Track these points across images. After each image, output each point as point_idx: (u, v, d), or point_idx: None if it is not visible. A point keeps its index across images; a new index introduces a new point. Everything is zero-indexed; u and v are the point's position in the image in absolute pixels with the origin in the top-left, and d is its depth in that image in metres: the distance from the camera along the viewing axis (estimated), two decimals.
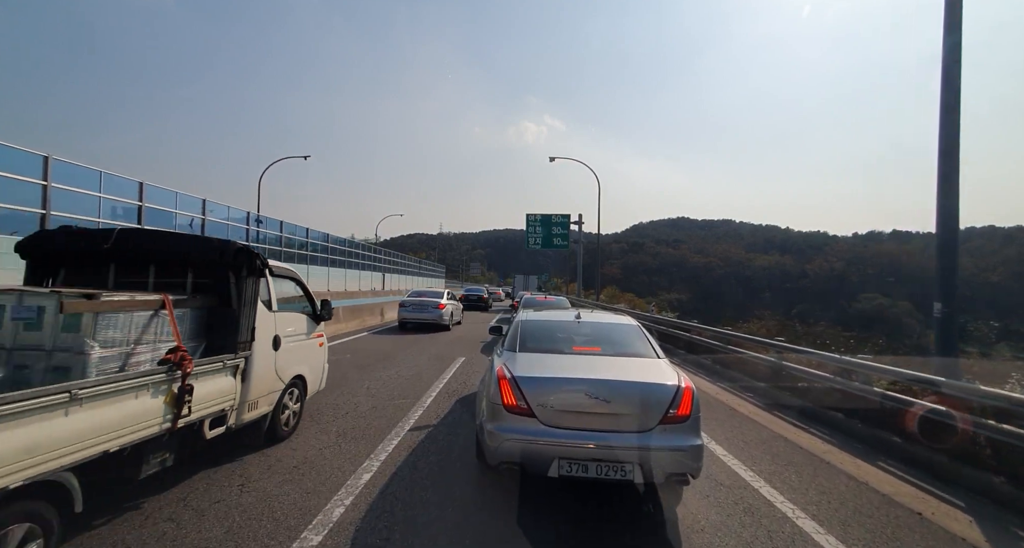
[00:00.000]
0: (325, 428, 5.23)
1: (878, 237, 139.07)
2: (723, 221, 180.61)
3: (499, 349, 4.69)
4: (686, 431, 3.40)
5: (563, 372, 3.78)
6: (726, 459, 4.71)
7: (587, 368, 3.86)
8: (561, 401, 3.48)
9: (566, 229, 35.37)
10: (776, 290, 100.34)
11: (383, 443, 4.80)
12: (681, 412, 3.41)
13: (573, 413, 3.44)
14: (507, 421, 3.50)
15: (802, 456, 4.95)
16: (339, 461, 4.29)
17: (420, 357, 9.55)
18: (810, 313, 62.74)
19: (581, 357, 4.23)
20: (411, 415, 5.84)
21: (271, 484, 3.78)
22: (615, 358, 4.22)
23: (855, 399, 5.86)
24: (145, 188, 17.90)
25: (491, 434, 3.52)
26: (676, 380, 3.60)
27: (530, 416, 3.47)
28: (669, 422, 3.39)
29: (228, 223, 23.83)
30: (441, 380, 7.71)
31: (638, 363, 4.07)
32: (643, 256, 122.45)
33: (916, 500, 4.03)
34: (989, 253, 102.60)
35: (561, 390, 3.55)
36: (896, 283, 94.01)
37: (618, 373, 3.73)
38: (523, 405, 3.49)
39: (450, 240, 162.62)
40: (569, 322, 4.95)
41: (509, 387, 3.58)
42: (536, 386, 3.56)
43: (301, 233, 31.04)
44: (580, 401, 3.45)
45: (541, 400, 3.48)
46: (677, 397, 3.45)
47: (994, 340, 46.64)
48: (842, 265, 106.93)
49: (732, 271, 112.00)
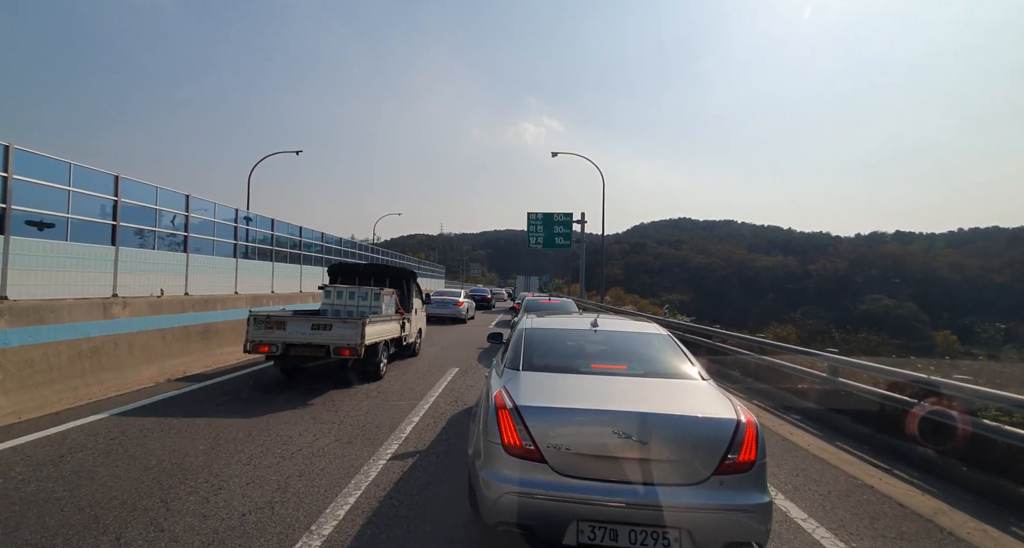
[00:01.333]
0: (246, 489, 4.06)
1: (881, 238, 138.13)
2: (725, 221, 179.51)
3: (498, 364, 3.85)
4: (750, 483, 2.55)
5: (582, 400, 2.93)
6: (805, 524, 3.52)
7: (613, 395, 3.04)
8: (581, 441, 2.66)
9: (568, 228, 34.25)
10: (779, 291, 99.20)
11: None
12: (743, 457, 2.57)
13: (597, 458, 2.61)
14: (508, 467, 2.66)
15: (911, 521, 3.67)
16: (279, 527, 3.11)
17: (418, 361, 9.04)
18: (814, 315, 61.65)
19: (603, 379, 3.31)
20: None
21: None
22: (647, 380, 3.32)
23: (957, 435, 4.65)
24: (121, 182, 16.70)
25: (487, 484, 2.67)
26: (734, 412, 2.74)
27: (539, 461, 2.62)
28: (727, 471, 2.54)
29: (215, 221, 22.64)
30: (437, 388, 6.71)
31: (679, 388, 3.21)
32: (644, 256, 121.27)
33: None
34: (994, 254, 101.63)
35: (581, 426, 2.71)
36: (901, 284, 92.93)
37: (656, 402, 2.86)
38: (529, 446, 2.65)
39: (450, 240, 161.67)
40: (583, 331, 4.07)
41: (510, 420, 2.73)
42: (547, 420, 2.72)
43: (294, 232, 29.88)
44: (607, 441, 2.60)
45: (554, 439, 2.65)
46: (737, 437, 2.59)
47: (1001, 342, 45.53)
48: (846, 266, 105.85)
49: (735, 272, 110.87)
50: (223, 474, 3.92)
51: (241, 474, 3.94)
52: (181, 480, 3.77)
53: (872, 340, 9.78)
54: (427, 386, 7.60)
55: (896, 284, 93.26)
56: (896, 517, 3.73)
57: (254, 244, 26.04)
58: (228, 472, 3.97)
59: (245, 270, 24.39)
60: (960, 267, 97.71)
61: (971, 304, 79.01)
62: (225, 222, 23.57)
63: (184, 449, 4.45)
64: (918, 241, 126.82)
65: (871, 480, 4.43)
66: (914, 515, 3.78)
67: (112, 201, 16.10)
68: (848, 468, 4.72)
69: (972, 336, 46.34)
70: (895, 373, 5.53)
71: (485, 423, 2.89)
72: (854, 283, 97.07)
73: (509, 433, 2.70)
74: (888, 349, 9.77)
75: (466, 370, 9.19)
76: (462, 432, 5.23)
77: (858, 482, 4.38)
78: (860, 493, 4.14)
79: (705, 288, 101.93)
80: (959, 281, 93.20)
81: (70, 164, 14.88)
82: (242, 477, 3.88)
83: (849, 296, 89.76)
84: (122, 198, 16.71)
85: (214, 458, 4.24)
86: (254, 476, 3.91)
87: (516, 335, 3.93)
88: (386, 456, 4.48)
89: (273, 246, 27.39)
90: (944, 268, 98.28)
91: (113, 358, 6.69)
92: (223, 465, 4.11)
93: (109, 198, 16.10)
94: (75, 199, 14.94)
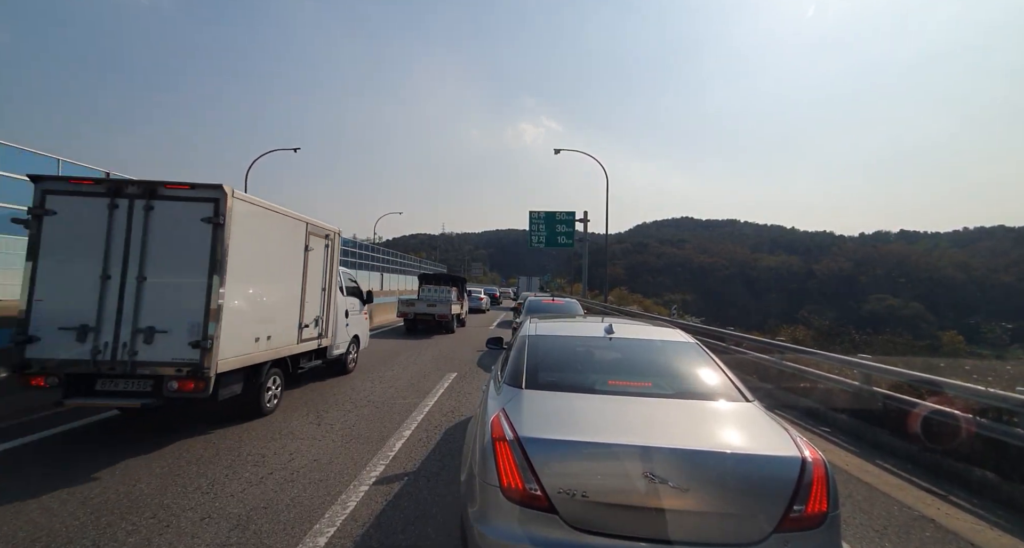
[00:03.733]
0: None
1: (885, 237, 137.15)
2: (727, 221, 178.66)
3: (496, 377, 3.22)
4: (823, 543, 1.93)
5: (601, 431, 2.26)
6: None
7: (639, 423, 2.37)
8: (601, 485, 2.04)
9: (571, 227, 33.63)
10: (782, 291, 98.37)
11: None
12: (813, 509, 1.93)
13: (623, 508, 1.99)
14: (508, 518, 2.05)
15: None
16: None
17: (415, 362, 8.47)
18: (819, 315, 60.68)
19: (625, 400, 2.64)
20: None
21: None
22: (679, 403, 2.62)
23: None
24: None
25: (482, 538, 2.07)
26: (796, 449, 2.08)
27: (547, 511, 2.01)
28: (793, 528, 1.91)
29: None
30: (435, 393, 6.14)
31: (721, 413, 2.54)
32: (647, 256, 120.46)
33: None
34: (1000, 253, 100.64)
35: (600, 465, 2.08)
36: (906, 284, 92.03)
37: (695, 434, 2.25)
38: (535, 490, 2.03)
39: (452, 240, 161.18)
40: (596, 338, 3.37)
41: (511, 456, 2.11)
42: (556, 456, 2.10)
43: None
44: (635, 486, 1.99)
45: (566, 482, 2.02)
46: (804, 480, 1.95)
47: (1008, 342, 44.66)
48: (850, 266, 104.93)
49: (738, 271, 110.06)
50: (174, 507, 3.33)
51: (196, 506, 3.35)
52: (123, 515, 3.18)
53: (898, 342, 9.16)
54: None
55: (901, 284, 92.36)
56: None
57: None
58: (181, 504, 3.37)
59: None
60: (965, 267, 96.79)
61: (977, 304, 78.20)
62: None
63: (137, 473, 3.86)
64: (923, 241, 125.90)
65: (929, 511, 3.84)
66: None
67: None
68: (899, 495, 4.11)
69: (978, 336, 45.71)
70: (956, 387, 4.90)
71: (481, 458, 2.28)
72: (858, 283, 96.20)
73: (509, 473, 2.09)
74: (914, 352, 9.14)
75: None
76: (459, 446, 4.66)
77: (915, 513, 3.78)
78: (921, 529, 3.53)
79: (708, 288, 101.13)
80: (964, 281, 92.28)
81: (59, 160, 14.29)
82: (196, 510, 3.29)
83: (853, 296, 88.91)
84: None
85: (169, 484, 3.66)
86: (211, 509, 3.32)
87: (518, 343, 3.31)
88: (370, 480, 3.89)
89: None
90: (949, 268, 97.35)
91: None
92: (177, 494, 3.52)
93: None
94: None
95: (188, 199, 4.53)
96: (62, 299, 4.33)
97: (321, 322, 6.89)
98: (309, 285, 6.42)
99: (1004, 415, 4.45)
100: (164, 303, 4.41)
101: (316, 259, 6.68)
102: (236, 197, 4.69)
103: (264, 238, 5.40)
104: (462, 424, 5.50)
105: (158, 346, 4.35)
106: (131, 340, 4.32)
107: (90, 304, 4.32)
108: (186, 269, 4.44)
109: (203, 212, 4.48)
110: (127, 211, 4.46)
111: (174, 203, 4.53)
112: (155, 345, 4.34)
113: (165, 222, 4.50)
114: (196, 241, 4.44)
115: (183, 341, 4.34)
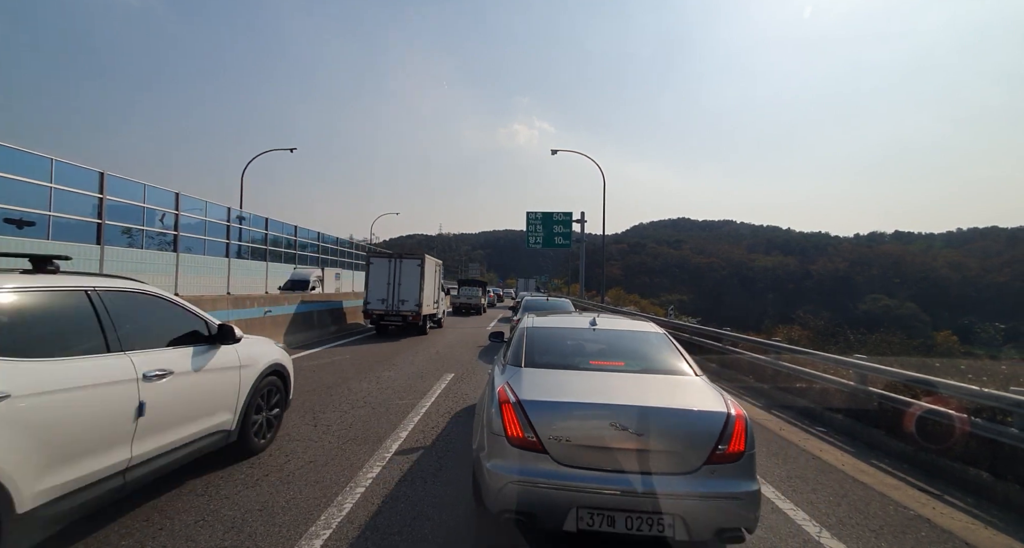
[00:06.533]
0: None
1: (880, 238, 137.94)
2: (724, 221, 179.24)
3: (500, 362, 3.95)
4: (739, 473, 2.68)
5: (582, 395, 3.04)
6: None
7: (611, 390, 3.13)
8: (580, 433, 2.77)
9: (568, 228, 33.62)
10: (779, 291, 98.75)
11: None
12: (733, 448, 2.69)
13: (596, 449, 2.73)
14: (511, 458, 2.77)
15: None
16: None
17: (416, 357, 8.47)
18: (815, 315, 60.81)
19: (602, 375, 3.43)
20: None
21: None
22: (643, 376, 3.44)
23: (1020, 457, 4.09)
24: (107, 179, 15.97)
25: (491, 474, 2.78)
26: (724, 406, 2.86)
27: (541, 452, 2.75)
28: (718, 461, 2.67)
29: (206, 220, 21.94)
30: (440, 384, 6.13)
31: (673, 383, 3.33)
32: (644, 257, 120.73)
33: None
34: (994, 253, 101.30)
35: (580, 419, 2.83)
36: (901, 284, 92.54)
37: (651, 397, 3.00)
38: (531, 438, 2.77)
39: (449, 241, 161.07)
40: (583, 330, 4.18)
41: (514, 414, 2.85)
42: (548, 413, 2.84)
43: (289, 232, 29.22)
44: (605, 433, 2.73)
45: (555, 432, 2.78)
46: (728, 429, 2.72)
47: (1002, 342, 44.82)
48: (846, 266, 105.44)
49: (734, 272, 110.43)
50: (168, 509, 3.30)
51: (190, 508, 3.33)
52: (115, 517, 3.15)
53: (893, 342, 9.20)
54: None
55: (896, 284, 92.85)
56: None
57: (248, 244, 25.54)
58: (175, 506, 3.36)
59: (238, 270, 23.82)
60: (960, 267, 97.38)
61: (971, 304, 78.69)
62: (217, 221, 23.01)
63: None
64: (917, 241, 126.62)
65: (925, 510, 3.85)
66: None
67: (97, 198, 15.50)
68: (895, 494, 4.13)
69: (972, 336, 45.90)
70: (951, 387, 4.91)
71: (489, 417, 2.97)
72: (854, 283, 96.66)
73: (513, 426, 2.80)
74: (908, 351, 9.18)
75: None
76: (458, 446, 4.65)
77: (910, 513, 3.80)
78: (917, 528, 3.54)
79: (705, 288, 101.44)
80: (959, 281, 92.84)
81: (52, 160, 14.21)
82: (191, 513, 3.27)
83: (849, 296, 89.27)
84: (108, 196, 16.11)
85: (161, 488, 3.62)
86: (205, 511, 3.30)
87: (518, 334, 4.03)
88: (366, 482, 3.87)
89: (267, 246, 26.87)
90: (944, 268, 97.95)
91: None
92: (172, 497, 3.49)
93: (94, 196, 15.48)
94: (60, 197, 14.29)
95: (412, 257, 15.20)
96: (375, 291, 14.76)
97: (437, 300, 17.26)
98: (436, 285, 16.99)
99: (998, 415, 4.47)
100: (406, 292, 14.74)
101: (436, 274, 17.20)
102: (427, 257, 15.37)
103: (431, 270, 15.91)
104: (461, 425, 5.49)
105: (405, 306, 14.63)
106: (395, 303, 14.65)
107: (384, 292, 14.75)
108: (411, 282, 14.79)
109: (416, 262, 15.03)
110: (395, 263, 14.99)
111: (409, 259, 15.11)
112: (404, 305, 14.63)
113: (405, 267, 14.93)
114: (414, 272, 14.89)
115: (412, 304, 14.64)
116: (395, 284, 14.74)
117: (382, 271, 14.86)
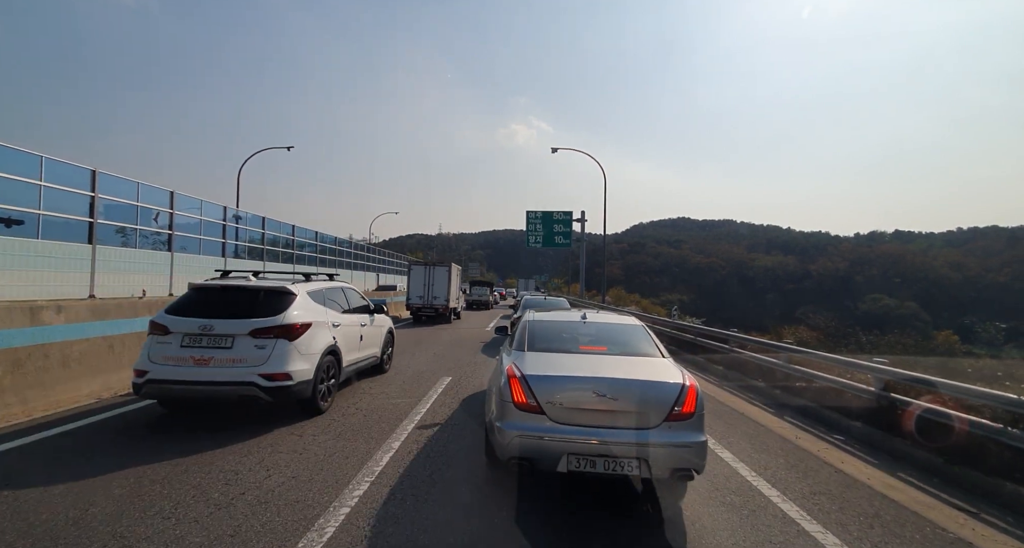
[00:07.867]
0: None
1: (880, 237, 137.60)
2: (724, 221, 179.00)
3: (507, 348, 4.72)
4: (690, 428, 3.41)
5: (571, 371, 3.80)
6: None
7: (594, 367, 3.84)
8: (570, 399, 3.52)
9: (568, 227, 33.31)
10: (779, 291, 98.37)
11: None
12: (686, 410, 3.43)
13: (581, 410, 3.48)
14: (517, 418, 3.52)
15: None
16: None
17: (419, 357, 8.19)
18: (816, 315, 60.34)
19: (588, 356, 4.21)
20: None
21: None
22: (621, 357, 4.24)
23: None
24: (99, 178, 15.59)
25: (501, 431, 3.52)
26: (680, 379, 3.62)
27: (540, 413, 3.50)
28: (674, 419, 3.41)
29: (202, 219, 21.59)
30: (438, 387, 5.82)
31: (643, 362, 4.08)
32: (644, 256, 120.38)
33: None
34: (994, 253, 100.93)
35: (569, 388, 3.59)
36: (902, 284, 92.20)
37: (624, 372, 3.73)
38: (533, 402, 3.52)
39: (449, 241, 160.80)
40: (576, 322, 4.94)
41: (519, 385, 3.60)
42: (545, 384, 3.60)
43: (287, 231, 28.85)
44: (588, 399, 3.49)
45: (550, 398, 3.52)
46: (682, 395, 3.47)
47: (1002, 341, 44.59)
48: (846, 266, 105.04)
49: (734, 272, 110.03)
50: (128, 536, 2.95)
51: (153, 535, 2.98)
52: (69, 546, 2.82)
53: (907, 344, 8.84)
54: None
55: (896, 283, 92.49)
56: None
57: (244, 243, 25.14)
58: (136, 532, 3.00)
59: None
60: (960, 266, 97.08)
61: (971, 303, 78.36)
62: (213, 220, 22.57)
63: (91, 496, 3.46)
64: (918, 241, 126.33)
65: (966, 533, 3.51)
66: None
67: (89, 197, 15.12)
68: (931, 514, 3.77)
69: (973, 335, 45.63)
70: (989, 396, 4.55)
71: (500, 388, 3.73)
72: (854, 283, 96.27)
73: (519, 394, 3.56)
74: (925, 353, 8.83)
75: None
76: (452, 459, 4.31)
77: (949, 535, 3.45)
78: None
79: (705, 288, 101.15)
80: (959, 281, 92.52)
81: (41, 158, 13.81)
82: (153, 540, 2.92)
83: (850, 296, 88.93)
84: (100, 194, 15.66)
85: (126, 509, 3.28)
86: (169, 538, 2.95)
87: (521, 326, 4.84)
88: (352, 501, 3.53)
89: (264, 245, 26.47)
90: (944, 267, 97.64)
91: (42, 373, 5.63)
92: (133, 520, 3.14)
93: (85, 194, 15.11)
94: (50, 195, 13.91)
95: (442, 265, 20.88)
96: (414, 289, 20.48)
97: (458, 297, 23.69)
98: (457, 285, 23.25)
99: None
100: (437, 290, 20.25)
101: (458, 277, 23.47)
102: (452, 265, 21.47)
103: (455, 274, 21.89)
104: (460, 425, 5.15)
105: (437, 301, 20.14)
106: (430, 299, 20.16)
107: (421, 291, 20.33)
108: (441, 283, 20.33)
109: (445, 269, 20.63)
110: (429, 269, 20.75)
111: (439, 267, 20.80)
112: (436, 300, 20.12)
113: (437, 272, 20.52)
114: (443, 276, 20.35)
115: (442, 299, 20.18)
116: (429, 285, 20.22)
117: (419, 275, 20.66)
